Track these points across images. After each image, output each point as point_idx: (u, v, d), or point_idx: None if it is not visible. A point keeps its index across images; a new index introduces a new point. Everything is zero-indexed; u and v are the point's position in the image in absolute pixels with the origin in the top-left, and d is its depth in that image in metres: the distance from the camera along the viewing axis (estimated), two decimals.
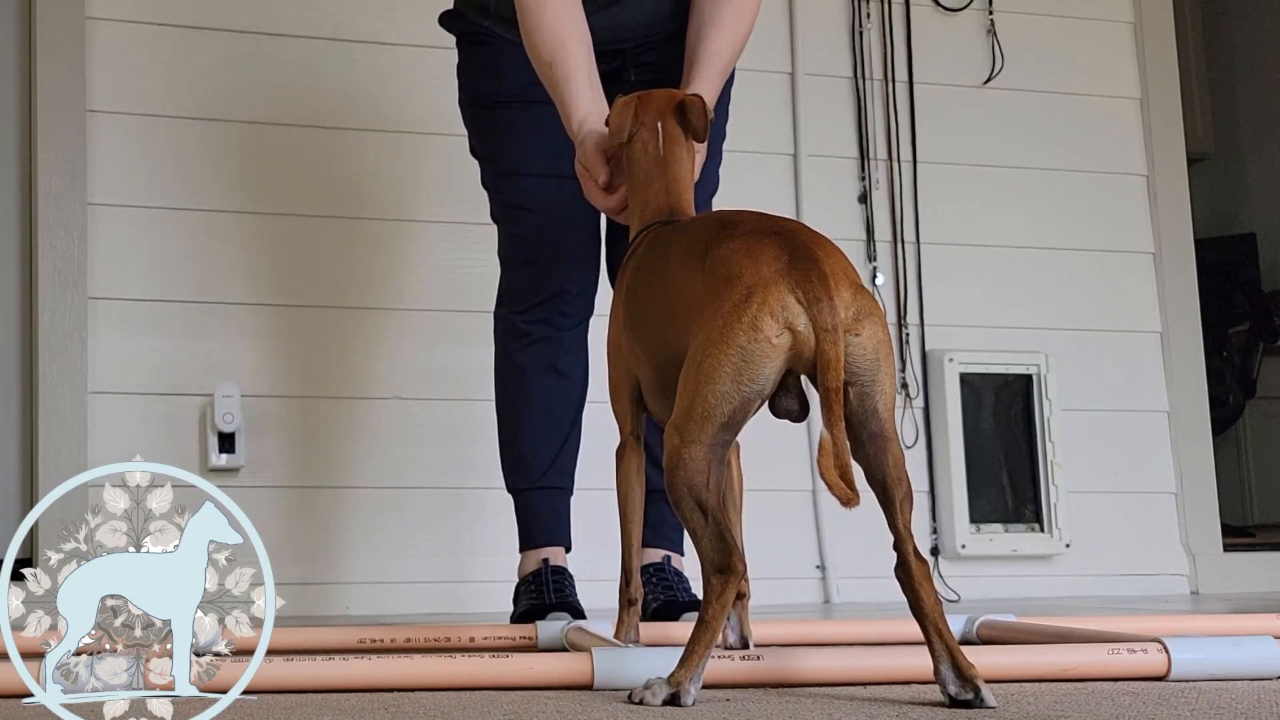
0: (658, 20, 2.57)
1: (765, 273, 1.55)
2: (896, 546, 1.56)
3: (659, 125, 2.02)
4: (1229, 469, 5.63)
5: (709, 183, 2.63)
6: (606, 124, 2.10)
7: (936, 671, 1.55)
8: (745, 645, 1.94)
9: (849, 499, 1.48)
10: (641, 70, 2.61)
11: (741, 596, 1.94)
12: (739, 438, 1.89)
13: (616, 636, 2.01)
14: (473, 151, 2.74)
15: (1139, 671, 1.77)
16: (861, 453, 1.58)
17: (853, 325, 1.54)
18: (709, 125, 2.04)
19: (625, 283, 1.91)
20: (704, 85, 2.39)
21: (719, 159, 2.67)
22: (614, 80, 2.57)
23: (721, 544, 1.55)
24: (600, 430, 2.76)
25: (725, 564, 1.55)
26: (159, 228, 3.51)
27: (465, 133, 2.75)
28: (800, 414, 1.62)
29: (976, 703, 1.51)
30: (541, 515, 2.70)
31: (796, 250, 1.57)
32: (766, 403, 1.60)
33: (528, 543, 2.71)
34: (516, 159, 2.64)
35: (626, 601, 2.01)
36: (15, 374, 3.47)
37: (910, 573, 1.55)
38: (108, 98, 3.51)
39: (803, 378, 1.58)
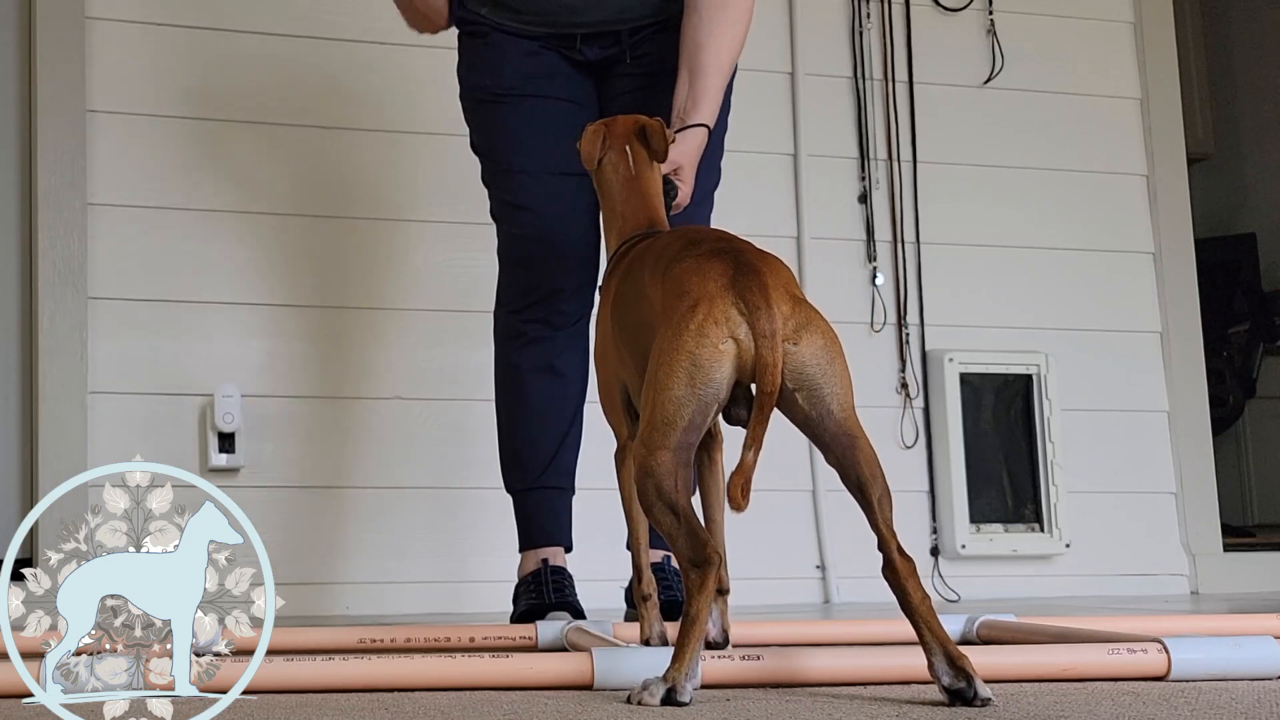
0: (653, 3, 2.58)
1: (710, 287, 1.65)
2: (881, 547, 1.61)
3: (627, 148, 2.13)
4: (1229, 469, 5.63)
5: (710, 175, 2.63)
6: (578, 149, 2.19)
7: (930, 665, 1.58)
8: (725, 640, 1.97)
9: (740, 508, 1.59)
10: (639, 61, 2.61)
11: (723, 592, 1.97)
12: (724, 441, 1.93)
13: (641, 638, 2.01)
14: (473, 147, 2.74)
15: (1139, 671, 1.77)
16: (830, 455, 1.65)
17: (792, 335, 1.63)
18: (668, 146, 2.13)
19: (612, 292, 1.96)
20: (707, 101, 2.45)
21: (720, 152, 2.67)
22: (613, 68, 2.58)
23: (694, 539, 1.60)
24: (600, 430, 2.76)
25: (700, 557, 1.59)
26: (159, 228, 3.51)
27: (465, 132, 2.75)
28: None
29: (970, 692, 1.54)
30: (539, 516, 2.70)
31: (741, 266, 1.66)
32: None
33: (526, 543, 2.71)
34: (511, 155, 2.64)
35: (641, 599, 2.02)
36: (15, 374, 3.46)
37: (896, 571, 1.60)
38: (108, 98, 3.51)
39: (753, 386, 1.64)
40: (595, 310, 2.69)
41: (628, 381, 1.92)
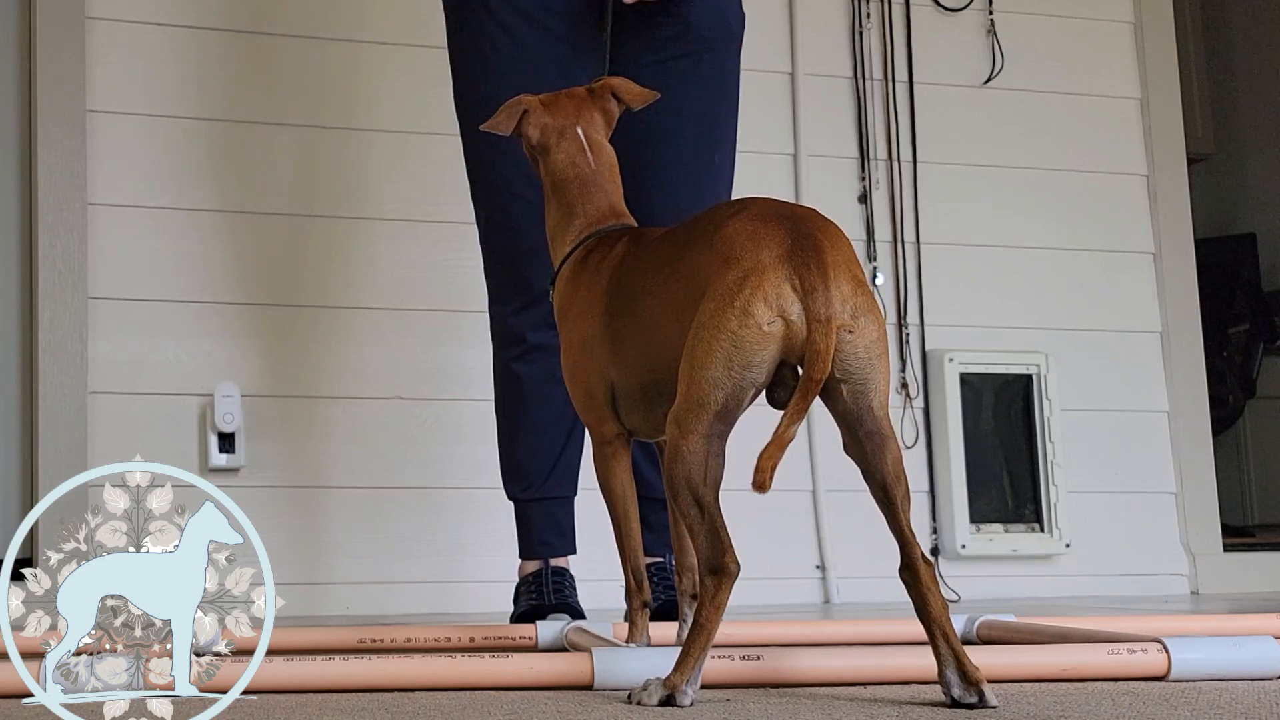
0: None
1: (764, 257, 1.52)
2: (903, 550, 1.55)
3: (580, 133, 1.97)
4: (1229, 469, 5.62)
5: (724, 176, 2.60)
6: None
7: (941, 675, 1.54)
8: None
9: (764, 488, 1.47)
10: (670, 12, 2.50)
11: (647, 606, 1.95)
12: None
13: (626, 640, 2.00)
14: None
15: (1139, 671, 1.77)
16: (859, 450, 1.57)
17: (848, 321, 1.52)
18: (643, 91, 2.01)
19: (603, 285, 1.83)
20: None
21: (733, 153, 2.62)
22: (630, 30, 2.50)
23: (716, 543, 1.54)
24: None
25: (719, 564, 1.53)
26: (159, 228, 3.51)
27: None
28: None
29: (980, 706, 1.50)
30: (539, 528, 2.66)
31: (800, 237, 1.54)
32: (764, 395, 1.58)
33: (527, 554, 2.68)
34: (485, 136, 2.55)
35: (641, 605, 1.98)
36: (15, 374, 3.46)
37: (918, 577, 1.54)
38: (108, 98, 3.51)
39: (799, 368, 1.55)
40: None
41: (617, 381, 1.80)
